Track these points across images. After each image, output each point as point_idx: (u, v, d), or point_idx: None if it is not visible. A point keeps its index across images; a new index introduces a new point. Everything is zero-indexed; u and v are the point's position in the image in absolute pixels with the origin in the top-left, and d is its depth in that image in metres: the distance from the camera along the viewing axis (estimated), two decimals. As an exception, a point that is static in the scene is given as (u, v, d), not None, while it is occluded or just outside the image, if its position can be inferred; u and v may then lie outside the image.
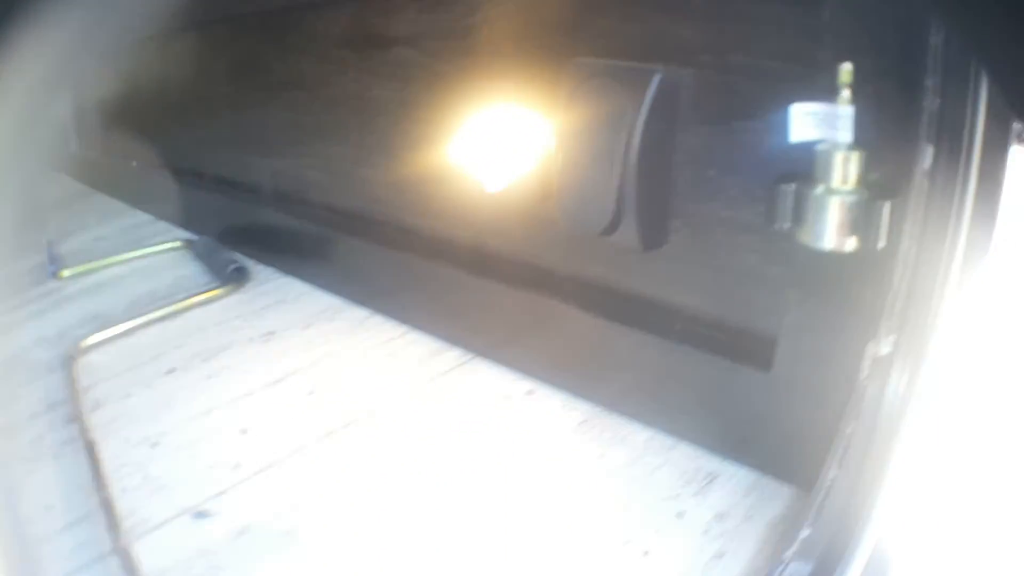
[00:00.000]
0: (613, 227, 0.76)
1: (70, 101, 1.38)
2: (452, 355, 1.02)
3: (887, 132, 0.60)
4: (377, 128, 1.08)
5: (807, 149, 0.61)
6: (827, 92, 0.59)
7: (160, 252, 1.49)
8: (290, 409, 0.92)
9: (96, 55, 0.37)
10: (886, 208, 0.56)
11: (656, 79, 0.71)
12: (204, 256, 1.42)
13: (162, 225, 1.66)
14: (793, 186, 0.59)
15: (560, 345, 0.90)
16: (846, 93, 0.59)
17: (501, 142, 0.87)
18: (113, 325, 1.15)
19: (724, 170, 0.73)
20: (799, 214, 0.60)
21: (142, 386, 0.99)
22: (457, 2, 0.91)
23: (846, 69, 0.59)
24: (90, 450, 0.85)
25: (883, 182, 0.59)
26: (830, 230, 0.58)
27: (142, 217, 1.74)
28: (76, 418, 0.92)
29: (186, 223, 1.61)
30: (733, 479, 0.76)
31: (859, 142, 0.60)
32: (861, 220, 0.57)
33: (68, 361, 1.06)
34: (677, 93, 0.73)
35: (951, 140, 0.59)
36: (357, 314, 1.16)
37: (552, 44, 0.82)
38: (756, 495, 0.73)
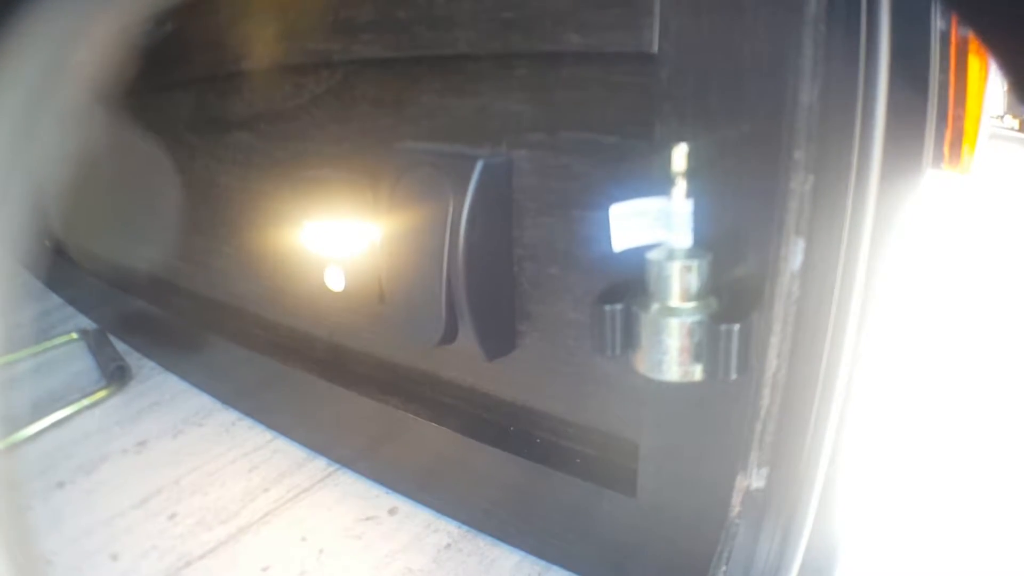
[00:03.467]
0: (449, 337, 0.59)
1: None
2: (316, 466, 0.83)
3: (742, 227, 0.44)
4: (227, 217, 0.90)
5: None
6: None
7: (59, 345, 1.34)
8: (153, 534, 0.78)
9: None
10: (735, 332, 0.39)
11: (479, 166, 0.55)
12: (94, 350, 1.28)
13: (70, 310, 1.49)
14: (619, 307, 0.42)
15: (420, 458, 0.72)
16: (682, 184, 0.42)
17: (336, 238, 0.70)
18: (19, 429, 1.03)
19: (567, 267, 0.56)
20: (630, 338, 0.42)
21: (40, 499, 0.88)
22: (284, 81, 0.74)
23: (680, 152, 0.42)
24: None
25: (738, 293, 0.43)
26: (669, 359, 0.41)
27: (55, 300, 1.56)
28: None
29: (85, 310, 1.44)
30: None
31: (704, 244, 0.43)
32: (707, 345, 0.40)
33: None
34: (508, 179, 0.57)
35: (830, 229, 0.43)
36: (227, 417, 0.97)
37: (377, 127, 0.65)
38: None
